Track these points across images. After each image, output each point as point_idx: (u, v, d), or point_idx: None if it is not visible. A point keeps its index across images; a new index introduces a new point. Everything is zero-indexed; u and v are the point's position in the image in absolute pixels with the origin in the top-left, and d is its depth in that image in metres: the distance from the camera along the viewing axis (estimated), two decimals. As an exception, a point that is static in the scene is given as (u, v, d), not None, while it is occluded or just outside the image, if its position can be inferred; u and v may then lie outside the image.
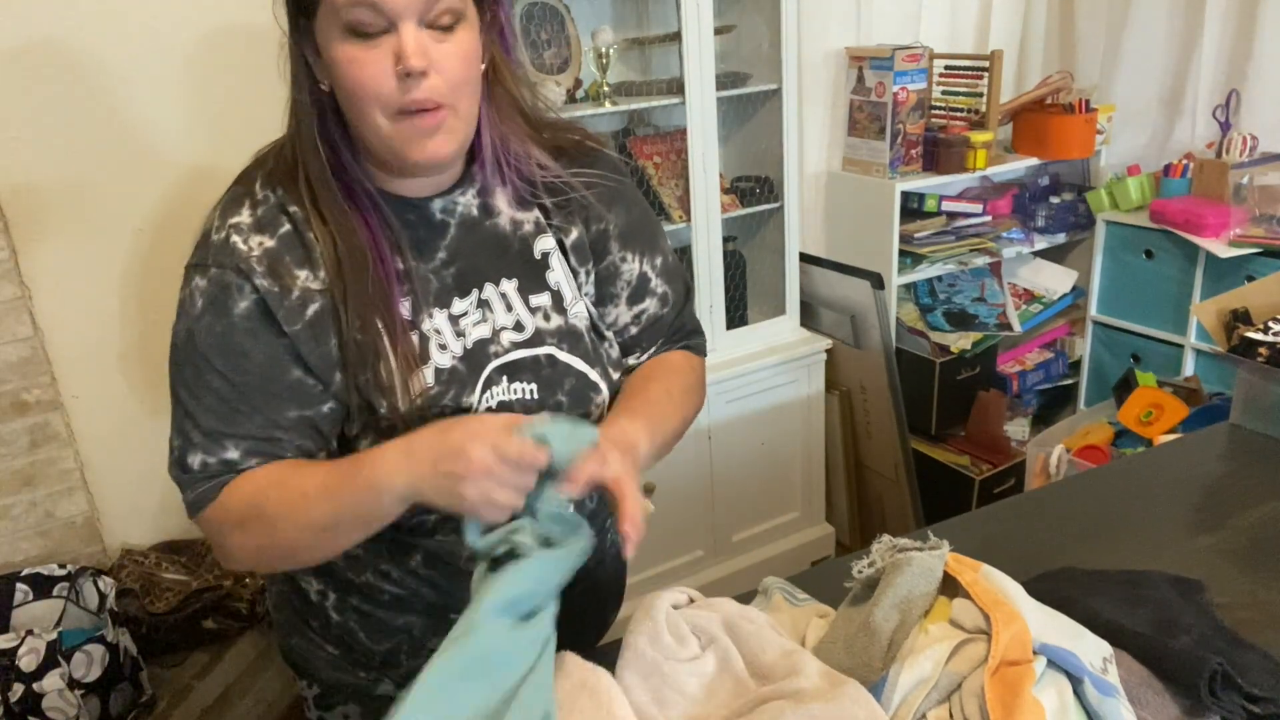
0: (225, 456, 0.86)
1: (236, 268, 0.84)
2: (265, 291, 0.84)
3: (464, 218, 0.94)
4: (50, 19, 1.74)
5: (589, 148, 1.02)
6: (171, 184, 1.91)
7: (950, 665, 0.79)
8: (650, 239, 1.05)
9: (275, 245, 0.86)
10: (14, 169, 1.78)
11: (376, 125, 0.83)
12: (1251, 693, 0.80)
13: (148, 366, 1.97)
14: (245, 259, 0.85)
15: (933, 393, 2.53)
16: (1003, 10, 2.73)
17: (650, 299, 1.05)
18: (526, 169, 0.95)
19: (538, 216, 0.98)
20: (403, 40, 0.79)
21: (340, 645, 1.03)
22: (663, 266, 1.05)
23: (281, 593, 1.07)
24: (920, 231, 2.52)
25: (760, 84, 2.24)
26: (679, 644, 0.85)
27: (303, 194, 0.87)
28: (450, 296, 0.92)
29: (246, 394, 0.85)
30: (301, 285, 0.86)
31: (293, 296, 0.85)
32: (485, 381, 0.92)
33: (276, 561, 0.91)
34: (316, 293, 0.86)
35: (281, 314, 0.85)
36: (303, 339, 0.86)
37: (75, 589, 1.80)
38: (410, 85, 0.80)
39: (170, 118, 1.88)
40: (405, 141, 0.83)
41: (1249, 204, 2.26)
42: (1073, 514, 1.21)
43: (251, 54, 1.91)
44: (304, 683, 1.09)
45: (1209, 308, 1.40)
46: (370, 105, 0.82)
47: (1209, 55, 2.44)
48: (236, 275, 0.84)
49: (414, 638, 1.01)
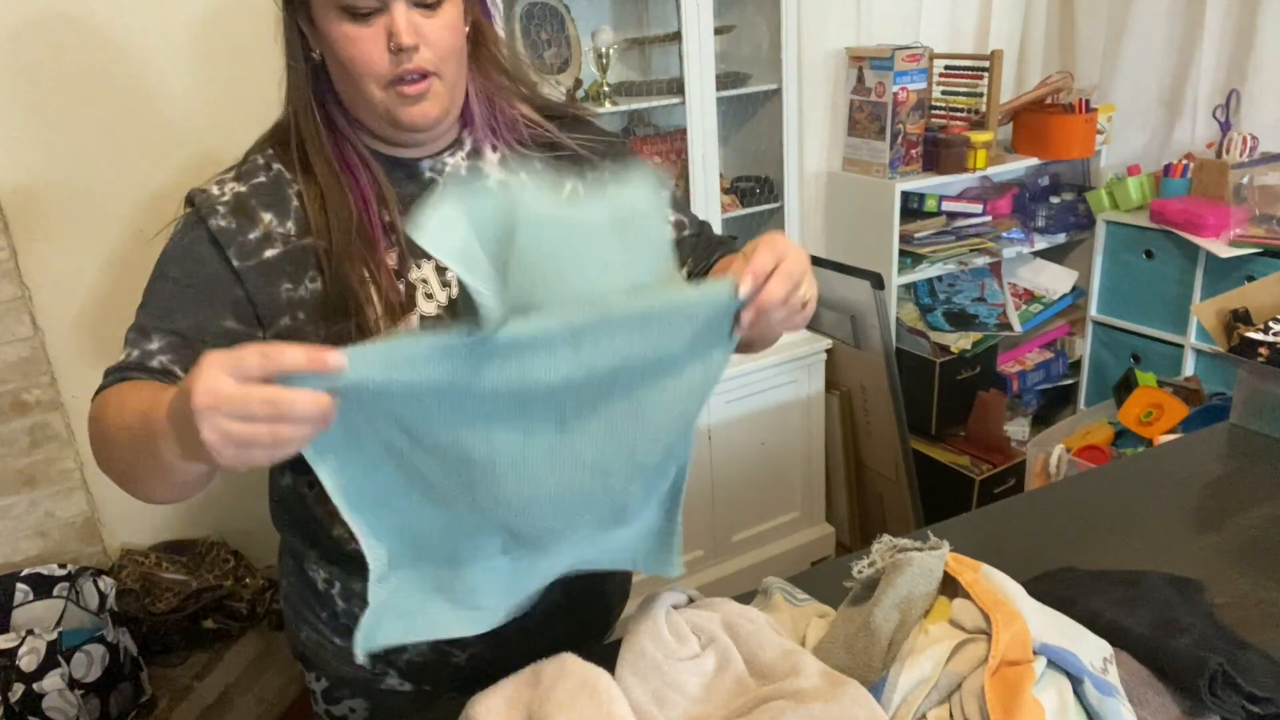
0: (147, 347, 0.87)
1: (202, 207, 0.91)
2: (218, 230, 0.90)
3: (451, 177, 0.99)
4: (50, 19, 1.74)
5: (578, 113, 1.07)
6: (171, 184, 1.90)
7: (950, 665, 0.79)
8: None
9: (246, 190, 0.93)
10: (14, 169, 1.78)
11: (369, 94, 0.90)
12: (1251, 693, 0.80)
13: (148, 366, 1.97)
14: (212, 201, 0.92)
15: (933, 393, 2.53)
16: (1003, 10, 2.73)
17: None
18: (514, 125, 1.01)
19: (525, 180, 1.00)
20: (395, 20, 0.87)
21: (347, 636, 1.04)
22: (670, 201, 1.05)
23: (291, 584, 1.09)
24: (920, 231, 2.52)
25: (760, 84, 2.24)
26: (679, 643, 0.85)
27: (293, 155, 0.93)
28: None
29: (189, 295, 0.89)
30: (264, 227, 0.91)
31: (249, 236, 0.91)
32: None
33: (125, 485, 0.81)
34: (280, 237, 0.91)
35: (232, 249, 0.90)
36: (250, 276, 0.90)
37: (75, 589, 1.80)
38: (402, 59, 0.88)
39: (170, 118, 1.88)
40: (395, 107, 0.90)
41: (1249, 204, 2.26)
42: (1073, 514, 1.21)
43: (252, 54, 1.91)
44: (311, 675, 1.10)
45: (1209, 308, 1.40)
46: (364, 78, 0.89)
47: (1209, 55, 2.44)
48: (202, 213, 0.91)
49: None
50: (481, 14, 0.99)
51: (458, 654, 1.03)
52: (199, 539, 2.08)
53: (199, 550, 2.06)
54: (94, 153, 1.83)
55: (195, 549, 2.06)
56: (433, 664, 1.03)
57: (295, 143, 0.93)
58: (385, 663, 1.04)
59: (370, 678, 1.05)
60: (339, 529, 0.99)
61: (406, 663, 1.03)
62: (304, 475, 0.98)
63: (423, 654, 1.03)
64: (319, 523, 1.00)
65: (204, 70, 1.88)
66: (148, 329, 0.88)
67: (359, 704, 1.08)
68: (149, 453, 0.71)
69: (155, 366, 0.86)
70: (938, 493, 2.58)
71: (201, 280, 0.90)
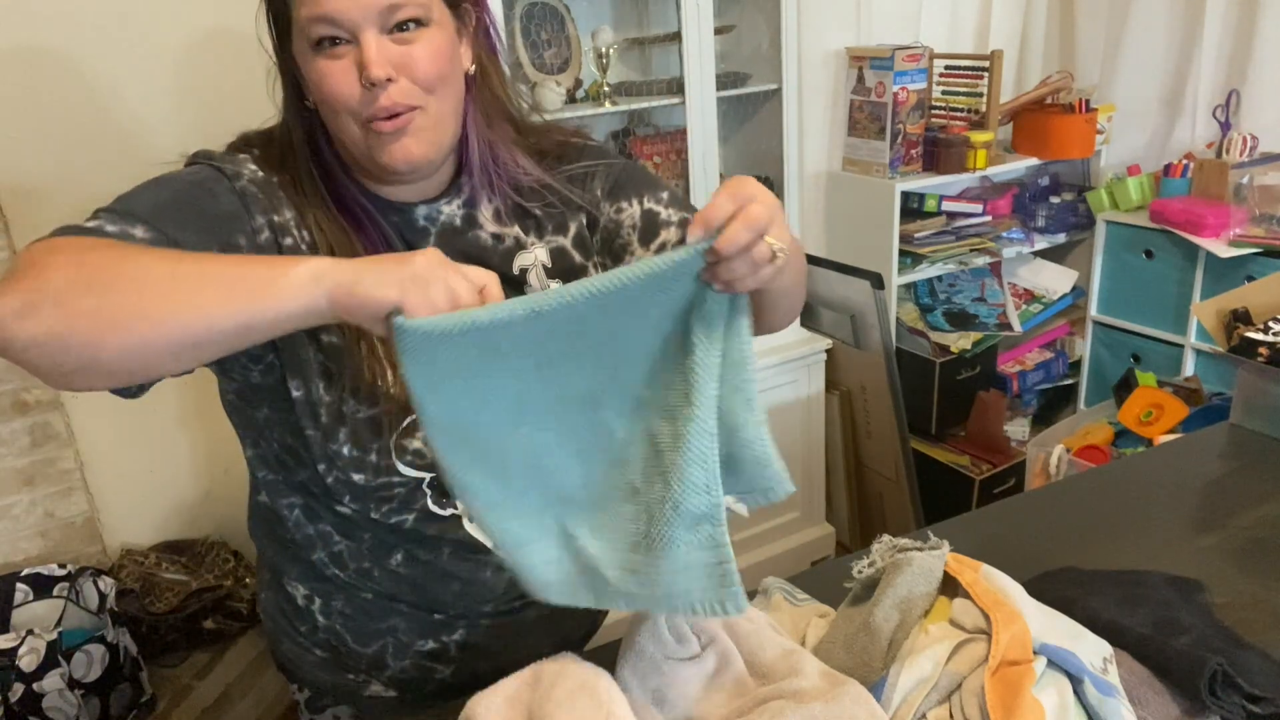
0: (130, 231, 0.75)
1: (225, 166, 0.86)
2: (244, 191, 0.85)
3: (445, 226, 0.94)
4: (50, 20, 1.74)
5: (572, 144, 1.01)
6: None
7: (950, 665, 0.79)
8: (644, 183, 1.00)
9: (274, 179, 0.88)
10: (14, 169, 1.78)
11: (351, 134, 0.84)
12: (1251, 693, 0.80)
13: (148, 366, 1.97)
14: (237, 166, 0.86)
15: (933, 393, 2.53)
16: (1003, 10, 2.73)
17: (666, 229, 0.97)
18: (512, 174, 0.96)
19: (518, 234, 0.97)
20: (364, 51, 0.80)
21: (328, 649, 1.03)
22: (670, 199, 0.99)
23: (269, 598, 1.07)
24: (920, 231, 2.52)
25: (760, 84, 2.24)
26: (679, 643, 0.85)
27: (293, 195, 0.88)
28: None
29: (191, 215, 0.80)
30: (283, 219, 0.86)
31: (272, 218, 0.85)
32: None
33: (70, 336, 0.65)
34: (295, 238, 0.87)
35: (256, 210, 0.84)
36: (266, 245, 0.85)
37: (75, 589, 1.80)
38: (376, 94, 0.81)
39: (170, 118, 1.88)
40: (376, 147, 0.84)
41: (1249, 204, 2.26)
42: (1073, 514, 1.21)
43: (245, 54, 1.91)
44: (294, 687, 1.10)
45: (1209, 308, 1.40)
46: (342, 115, 0.83)
47: (1209, 55, 2.44)
48: (225, 171, 0.85)
49: (399, 640, 1.00)
50: (486, 51, 0.93)
51: (441, 669, 1.02)
52: (199, 539, 2.08)
53: (199, 550, 2.06)
54: (94, 153, 1.83)
55: (195, 549, 2.06)
56: (417, 679, 1.02)
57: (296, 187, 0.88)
58: (368, 674, 1.03)
59: (355, 685, 1.04)
60: (319, 553, 0.98)
61: (390, 678, 1.03)
62: (282, 497, 0.96)
63: (406, 670, 1.02)
64: (298, 545, 0.98)
65: (203, 70, 1.88)
66: (134, 216, 0.76)
67: (343, 711, 1.07)
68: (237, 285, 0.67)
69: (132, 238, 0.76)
70: (938, 493, 2.58)
71: (211, 212, 0.82)
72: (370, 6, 0.79)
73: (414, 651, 1.01)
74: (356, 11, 0.79)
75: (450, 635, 1.00)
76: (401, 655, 1.01)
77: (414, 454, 0.91)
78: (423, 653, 1.01)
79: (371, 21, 0.80)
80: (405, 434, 0.90)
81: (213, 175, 0.85)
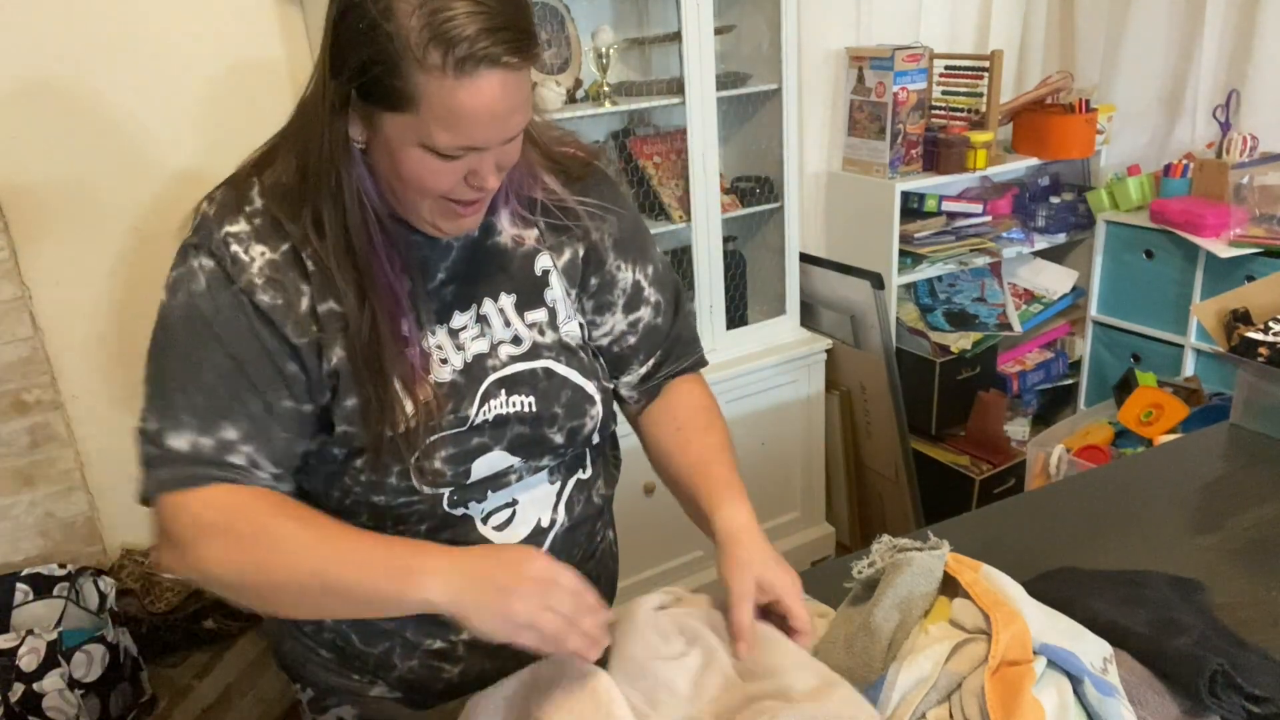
0: (224, 436, 0.82)
1: (239, 279, 0.83)
2: (268, 306, 0.84)
3: (465, 239, 0.94)
4: (50, 21, 1.74)
5: (583, 161, 1.02)
6: (171, 184, 1.91)
7: (950, 665, 0.79)
8: (642, 248, 1.05)
9: (280, 260, 0.85)
10: (14, 169, 1.78)
11: (420, 205, 0.84)
12: (1251, 693, 0.80)
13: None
14: (246, 269, 0.84)
15: (933, 393, 2.53)
16: (1003, 10, 2.73)
17: (645, 307, 1.05)
18: (529, 190, 0.96)
19: (538, 234, 0.98)
20: (485, 166, 0.81)
21: (333, 650, 1.03)
22: (654, 275, 1.06)
23: None
24: (920, 231, 2.52)
25: (760, 84, 2.24)
26: (663, 642, 0.85)
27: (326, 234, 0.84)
28: (450, 312, 0.93)
29: (248, 373, 0.83)
30: (308, 304, 0.85)
31: (300, 311, 0.85)
32: (483, 394, 0.92)
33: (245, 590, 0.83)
34: (322, 314, 0.86)
35: (289, 328, 0.84)
36: (306, 351, 0.86)
37: (75, 589, 1.80)
38: (473, 191, 0.83)
39: (170, 118, 1.88)
40: (443, 218, 0.86)
41: (1249, 204, 2.26)
42: (1073, 514, 1.21)
43: (248, 57, 1.91)
44: (298, 686, 1.10)
45: (1209, 308, 1.39)
46: (425, 196, 0.83)
47: (1209, 55, 2.44)
48: (238, 285, 0.83)
49: (406, 640, 1.00)
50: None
51: (449, 669, 1.02)
52: (199, 539, 2.08)
53: (199, 550, 2.05)
54: (94, 153, 1.83)
55: (195, 549, 2.06)
56: (424, 679, 1.02)
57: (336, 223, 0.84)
58: (374, 676, 1.03)
59: (359, 686, 1.04)
60: None
61: (397, 678, 1.02)
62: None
63: (413, 670, 1.01)
64: None
65: (204, 70, 1.88)
66: (215, 415, 0.82)
67: (347, 711, 1.07)
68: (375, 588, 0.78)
69: (238, 463, 0.82)
70: (938, 493, 2.58)
71: (258, 355, 0.83)
72: (506, 138, 0.81)
73: (421, 651, 1.01)
74: (496, 142, 0.81)
75: (458, 634, 1.00)
76: (409, 655, 1.01)
77: (433, 473, 0.90)
78: (430, 652, 1.01)
79: (499, 144, 0.81)
80: (425, 455, 0.90)
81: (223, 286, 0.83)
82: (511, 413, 0.93)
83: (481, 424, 0.92)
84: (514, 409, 0.93)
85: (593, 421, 0.99)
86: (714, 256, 2.24)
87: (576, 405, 0.97)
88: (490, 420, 0.92)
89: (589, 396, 0.98)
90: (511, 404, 0.93)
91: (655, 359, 1.08)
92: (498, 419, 0.92)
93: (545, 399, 0.95)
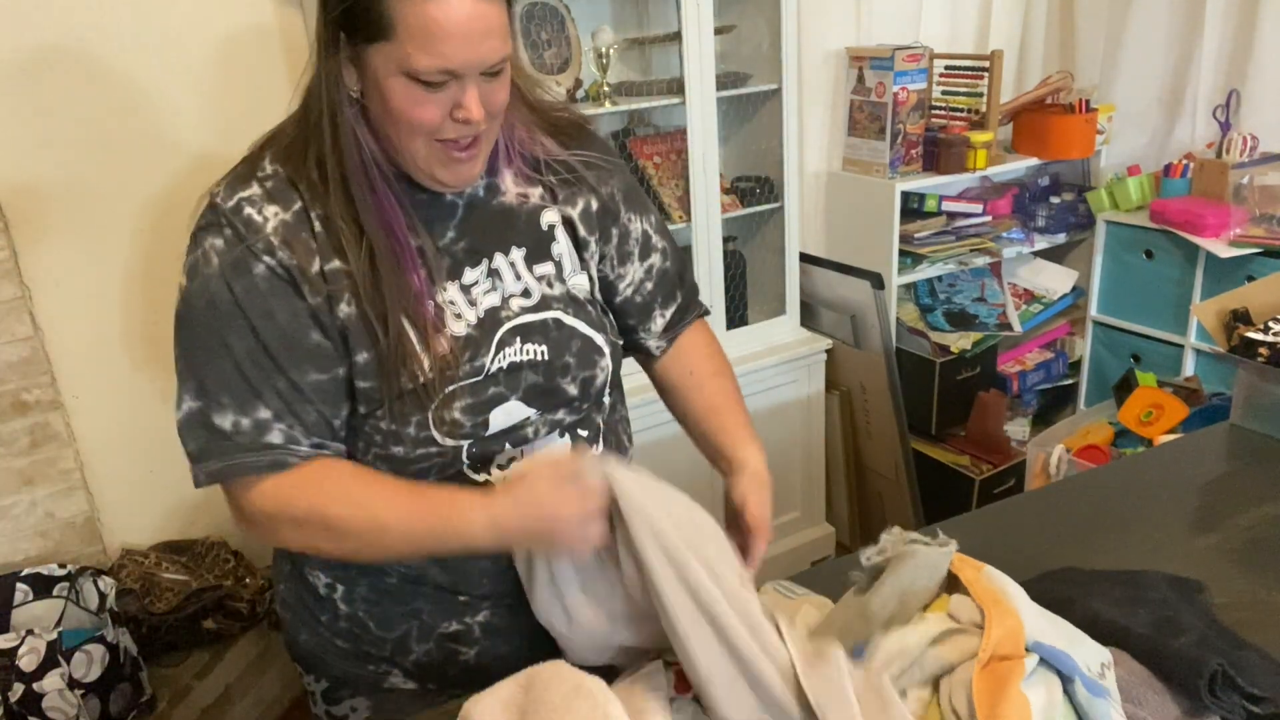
0: (259, 416, 0.87)
1: (253, 242, 0.87)
2: (286, 263, 0.87)
3: (471, 199, 0.98)
4: (51, 20, 1.74)
5: (575, 123, 1.07)
6: (171, 183, 1.91)
7: (937, 649, 0.79)
8: (642, 200, 1.12)
9: (291, 220, 0.88)
10: (14, 169, 1.78)
11: (416, 149, 0.88)
12: (1251, 693, 0.80)
13: (148, 366, 1.97)
14: (260, 230, 0.87)
15: (933, 393, 2.53)
16: (1003, 10, 2.73)
17: (655, 254, 1.12)
18: (529, 150, 1.00)
19: (542, 192, 1.02)
20: (467, 94, 0.85)
21: (350, 638, 1.04)
22: (657, 224, 1.13)
23: (289, 589, 1.08)
24: (920, 231, 2.52)
25: (760, 84, 2.24)
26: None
27: (329, 180, 0.88)
28: (461, 268, 0.96)
29: (272, 352, 0.87)
30: (318, 264, 0.88)
31: (311, 272, 0.88)
32: (499, 343, 0.95)
33: (327, 555, 0.96)
34: (329, 272, 0.89)
35: (306, 287, 0.88)
36: (322, 310, 0.89)
37: (75, 589, 1.80)
38: (463, 128, 0.87)
39: (170, 118, 1.88)
40: (438, 165, 0.89)
41: (1249, 204, 2.26)
42: (1073, 514, 1.21)
43: (254, 55, 1.91)
44: (311, 678, 1.10)
45: (1209, 308, 1.40)
46: (416, 134, 0.87)
47: (1209, 55, 2.44)
48: (254, 248, 0.87)
49: (424, 622, 1.02)
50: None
51: (465, 651, 1.03)
52: (199, 539, 2.08)
53: (199, 550, 2.06)
54: (94, 153, 1.83)
55: (195, 549, 2.06)
56: (440, 662, 1.03)
57: (335, 172, 0.88)
58: (391, 662, 1.04)
59: (374, 677, 1.05)
60: None
61: (414, 663, 1.03)
62: None
63: (430, 653, 1.03)
64: None
65: (205, 70, 1.88)
66: (248, 395, 0.87)
67: (360, 703, 1.08)
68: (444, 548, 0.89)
69: (276, 441, 0.88)
70: (938, 493, 2.58)
71: (278, 333, 0.87)
72: (483, 63, 0.84)
73: (438, 634, 1.02)
74: (473, 66, 0.84)
75: (475, 616, 1.01)
76: (425, 638, 1.02)
77: (451, 424, 0.92)
78: (447, 634, 1.02)
79: (478, 71, 0.85)
80: (443, 405, 0.92)
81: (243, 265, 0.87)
82: (525, 360, 0.96)
83: (496, 372, 0.94)
84: (527, 356, 0.96)
85: (603, 374, 1.02)
86: (714, 256, 2.24)
87: (586, 355, 1.00)
88: (505, 368, 0.94)
89: (598, 348, 1.01)
90: (525, 351, 0.96)
91: (675, 305, 1.14)
92: (511, 366, 0.95)
93: (556, 348, 0.98)
